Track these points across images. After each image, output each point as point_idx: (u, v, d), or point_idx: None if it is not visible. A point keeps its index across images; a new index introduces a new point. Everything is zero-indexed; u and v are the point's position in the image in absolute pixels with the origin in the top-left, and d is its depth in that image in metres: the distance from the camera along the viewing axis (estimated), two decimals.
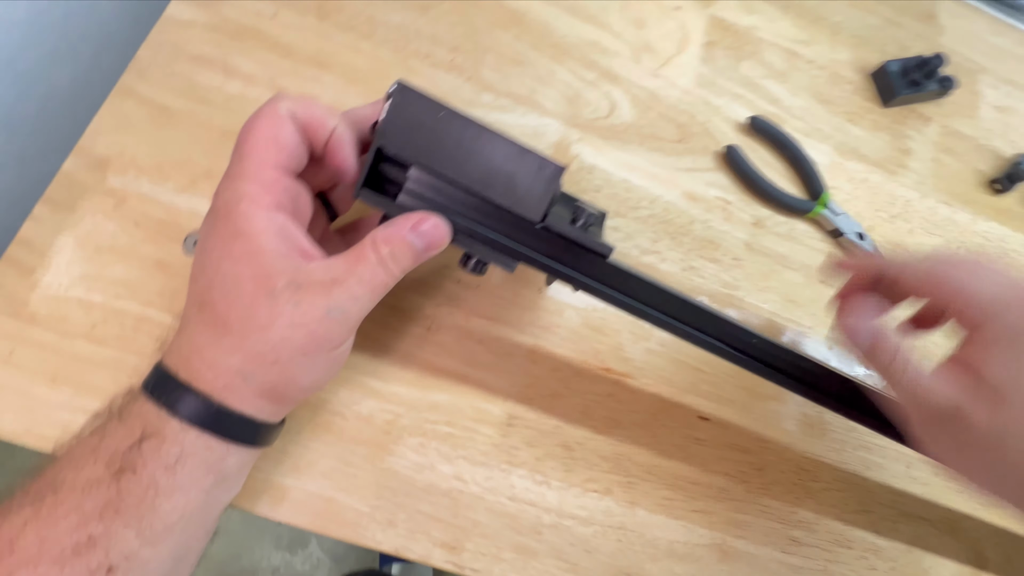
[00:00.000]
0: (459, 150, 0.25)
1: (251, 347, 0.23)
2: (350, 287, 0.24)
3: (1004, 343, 0.24)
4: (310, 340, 0.23)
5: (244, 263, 0.23)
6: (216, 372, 0.23)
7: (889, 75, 0.46)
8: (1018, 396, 0.23)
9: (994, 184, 0.48)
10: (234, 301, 0.23)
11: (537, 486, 0.33)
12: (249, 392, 0.24)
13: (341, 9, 0.38)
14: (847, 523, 0.37)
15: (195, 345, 0.24)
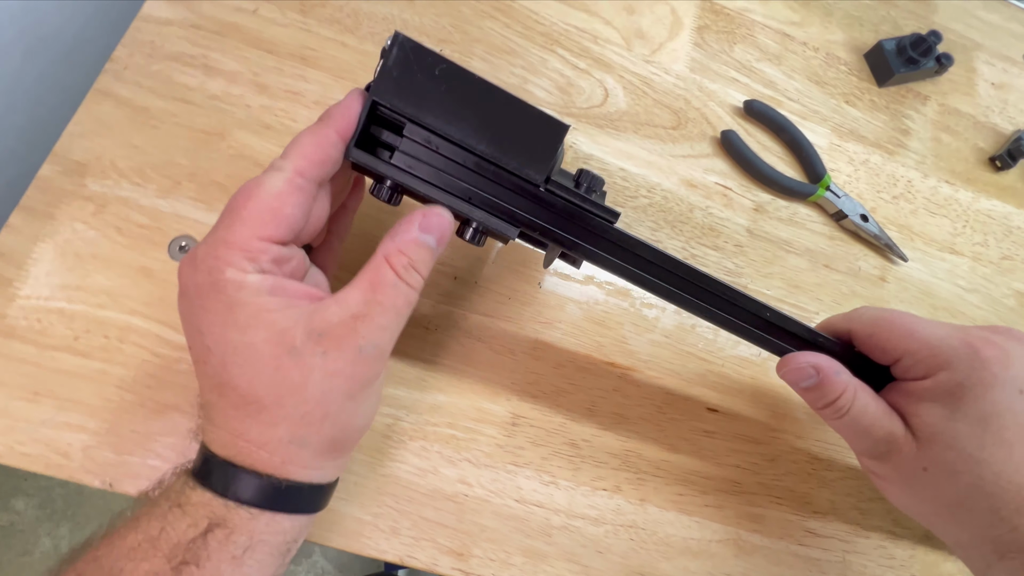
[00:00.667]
0: (459, 107, 0.23)
1: (293, 413, 0.21)
2: (375, 319, 0.22)
3: (942, 393, 0.25)
4: (352, 383, 0.22)
5: (252, 330, 0.21)
6: (270, 450, 0.22)
7: (885, 54, 0.46)
8: (941, 443, 0.25)
9: (995, 161, 0.47)
10: (256, 373, 0.21)
11: (545, 486, 0.32)
12: (310, 456, 0.22)
13: (325, 3, 0.37)
14: (864, 512, 0.36)
15: (235, 431, 0.22)
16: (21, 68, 0.36)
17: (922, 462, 0.26)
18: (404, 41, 0.23)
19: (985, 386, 0.24)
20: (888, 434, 0.26)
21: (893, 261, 0.42)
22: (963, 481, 0.25)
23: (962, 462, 0.25)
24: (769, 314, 0.28)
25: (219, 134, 0.33)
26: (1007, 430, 0.24)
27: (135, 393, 0.28)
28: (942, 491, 0.26)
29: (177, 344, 0.29)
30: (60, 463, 0.27)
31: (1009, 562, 0.25)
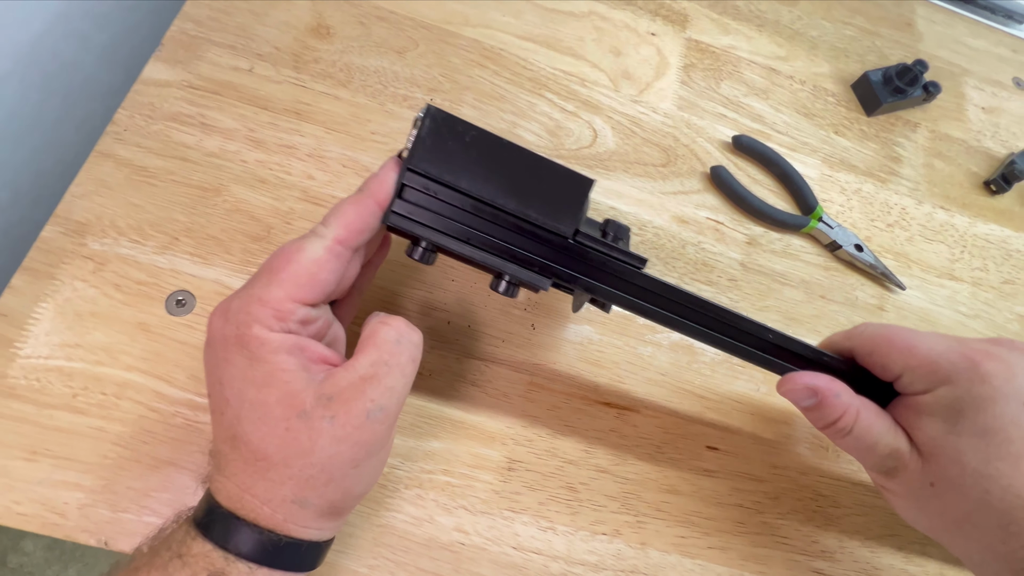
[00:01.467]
0: (489, 169, 0.25)
1: (299, 474, 0.22)
2: (382, 380, 0.23)
3: (943, 407, 0.25)
4: (358, 450, 0.22)
5: (268, 388, 0.22)
6: (273, 506, 0.22)
7: (871, 85, 0.46)
8: (945, 457, 0.25)
9: (989, 185, 0.47)
10: (268, 431, 0.22)
11: (543, 532, 0.31)
12: (311, 517, 0.23)
13: (317, 59, 0.38)
14: (873, 549, 0.35)
15: (242, 484, 0.22)
16: (26, 138, 0.37)
17: (928, 477, 0.26)
18: (435, 113, 0.25)
19: (986, 400, 0.24)
20: (893, 451, 0.26)
21: (891, 290, 0.42)
22: (970, 496, 0.24)
23: (968, 476, 0.24)
24: (807, 352, 0.28)
25: (215, 190, 0.34)
26: (1012, 444, 0.24)
27: (132, 449, 0.29)
28: (950, 506, 0.25)
29: (173, 399, 0.30)
30: (56, 522, 0.27)
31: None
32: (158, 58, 0.36)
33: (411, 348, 0.24)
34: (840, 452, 0.37)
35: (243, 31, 0.37)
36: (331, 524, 0.24)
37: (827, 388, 0.27)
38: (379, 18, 0.40)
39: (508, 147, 0.25)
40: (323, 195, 0.35)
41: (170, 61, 0.36)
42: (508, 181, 0.25)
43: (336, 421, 0.22)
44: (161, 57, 0.36)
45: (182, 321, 0.31)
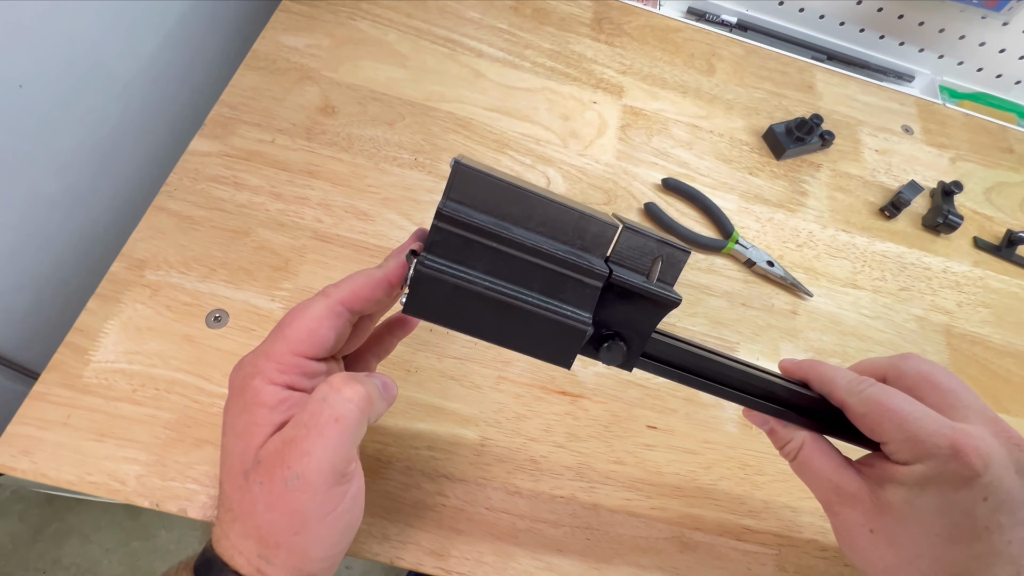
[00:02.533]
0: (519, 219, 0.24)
1: (254, 531, 0.23)
2: (298, 444, 0.22)
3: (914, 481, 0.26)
4: (293, 518, 0.22)
5: (237, 439, 0.23)
6: (246, 558, 0.23)
7: (776, 135, 0.56)
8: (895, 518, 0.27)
9: (884, 211, 0.56)
10: (230, 482, 0.23)
11: (510, 496, 0.38)
12: (255, 563, 0.23)
13: (325, 131, 0.48)
14: (795, 510, 0.41)
15: (223, 529, 0.24)
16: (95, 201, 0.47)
17: (871, 523, 0.27)
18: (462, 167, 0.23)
19: (953, 488, 0.25)
20: (835, 487, 0.28)
21: (802, 297, 0.50)
22: (904, 554, 0.26)
23: (907, 539, 0.26)
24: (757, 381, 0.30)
25: (245, 232, 0.43)
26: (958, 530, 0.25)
27: (178, 432, 0.36)
28: (883, 556, 0.27)
29: (211, 392, 0.37)
30: (117, 488, 0.34)
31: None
32: (202, 135, 0.46)
33: (337, 406, 0.22)
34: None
35: (267, 112, 0.48)
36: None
37: (777, 421, 0.30)
38: (374, 99, 0.51)
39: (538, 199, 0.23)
40: (330, 234, 0.44)
41: (210, 136, 0.46)
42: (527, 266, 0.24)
43: (264, 487, 0.22)
44: (204, 134, 0.46)
45: (218, 333, 0.39)
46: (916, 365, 0.29)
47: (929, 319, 0.52)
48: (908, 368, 0.29)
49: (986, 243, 0.57)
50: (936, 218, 0.55)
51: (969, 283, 0.55)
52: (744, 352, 0.46)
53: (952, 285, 0.54)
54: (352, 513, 0.25)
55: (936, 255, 0.55)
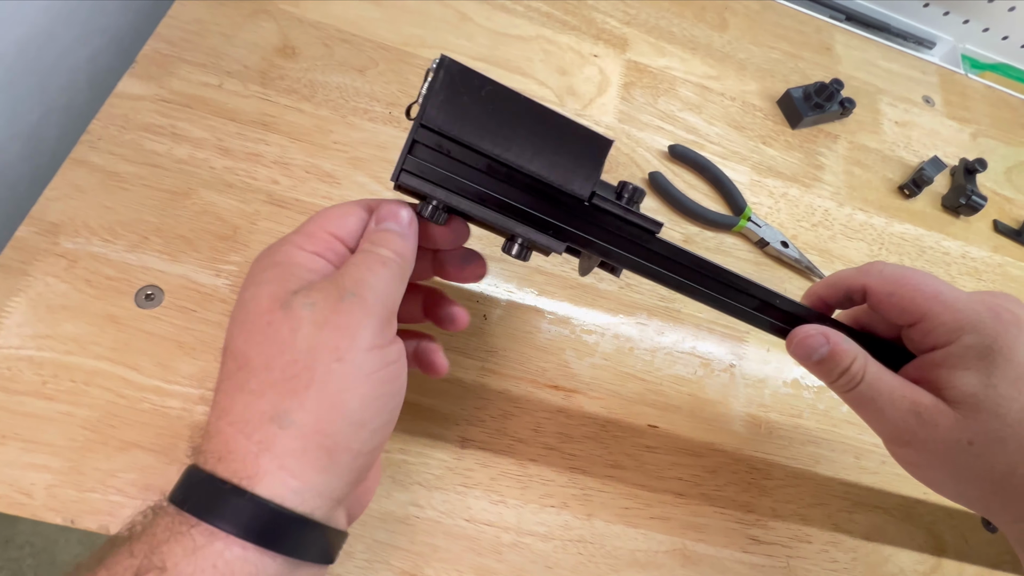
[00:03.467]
0: (505, 126, 0.24)
1: (281, 374, 0.20)
2: (350, 272, 0.22)
3: (973, 357, 0.24)
4: (338, 335, 0.20)
5: (265, 284, 0.21)
6: (248, 430, 0.19)
7: (793, 100, 0.51)
8: (985, 411, 0.24)
9: (903, 190, 0.52)
10: (252, 327, 0.20)
11: (494, 505, 0.33)
12: (290, 448, 0.19)
13: (283, 76, 0.41)
14: (804, 518, 0.38)
15: (220, 409, 0.20)
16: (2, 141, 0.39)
17: (966, 435, 0.24)
18: (450, 64, 0.24)
19: (1011, 348, 0.23)
20: (913, 405, 0.25)
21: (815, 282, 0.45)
22: (1011, 447, 0.23)
23: (1008, 427, 0.23)
24: (779, 301, 0.28)
25: (184, 193, 0.36)
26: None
27: (99, 433, 0.30)
28: (992, 464, 0.24)
29: (141, 385, 0.31)
30: (23, 502, 0.28)
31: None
32: (132, 74, 0.38)
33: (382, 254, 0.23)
34: (772, 429, 0.40)
35: (213, 50, 0.40)
36: (321, 477, 0.20)
37: (837, 333, 0.26)
38: (342, 40, 0.44)
39: (525, 103, 0.24)
40: (287, 198, 0.38)
41: (143, 77, 0.38)
42: (524, 139, 0.24)
43: (315, 306, 0.20)
44: (135, 73, 0.38)
45: (151, 314, 0.33)
46: (893, 269, 0.27)
47: None
48: (887, 272, 0.27)
49: (1006, 227, 0.53)
50: (958, 198, 0.51)
51: (988, 270, 0.51)
52: (754, 344, 0.42)
53: (971, 272, 0.50)
54: (396, 381, 0.22)
55: (955, 239, 0.51)
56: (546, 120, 0.25)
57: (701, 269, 0.28)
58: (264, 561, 0.18)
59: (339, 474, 0.20)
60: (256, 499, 0.18)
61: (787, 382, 0.41)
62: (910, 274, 0.26)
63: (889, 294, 0.26)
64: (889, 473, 0.40)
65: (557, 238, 0.26)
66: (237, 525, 0.18)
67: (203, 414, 0.31)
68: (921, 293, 0.25)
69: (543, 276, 0.40)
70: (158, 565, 0.17)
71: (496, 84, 0.24)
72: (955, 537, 0.39)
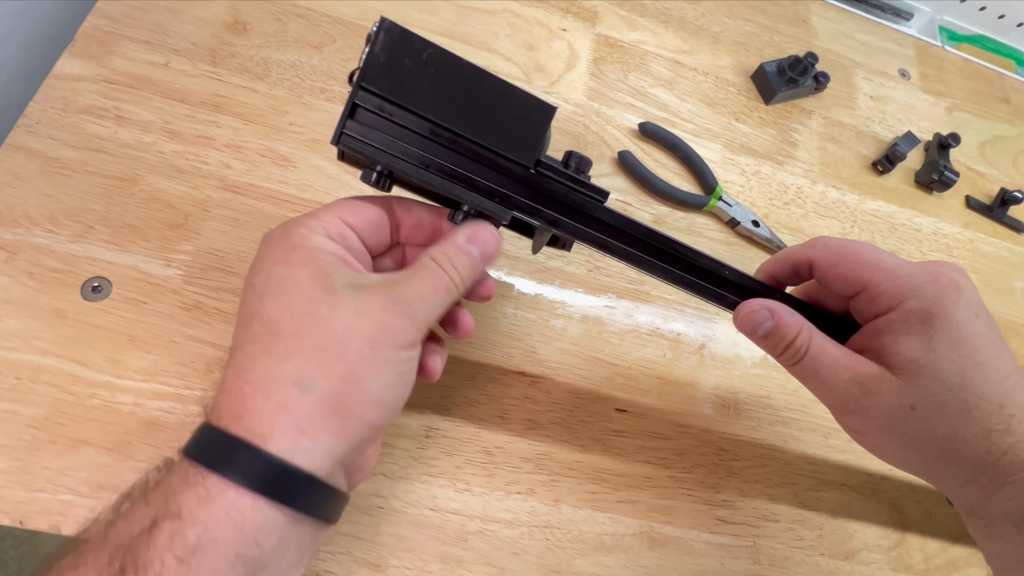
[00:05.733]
0: (448, 91, 0.24)
1: (310, 346, 0.20)
2: (412, 285, 0.23)
3: (915, 322, 0.24)
4: (378, 328, 0.21)
5: (301, 266, 0.22)
6: (268, 390, 0.20)
7: (767, 75, 0.50)
8: (926, 375, 0.24)
9: (876, 166, 0.51)
10: (290, 301, 0.21)
11: (459, 494, 0.33)
12: (307, 411, 0.20)
13: (234, 54, 0.39)
14: (771, 497, 0.38)
15: (239, 367, 0.21)
16: None
17: (908, 399, 0.24)
18: (390, 27, 0.23)
19: (950, 312, 0.24)
20: (855, 375, 0.25)
21: None
22: (952, 410, 0.24)
23: (948, 391, 0.24)
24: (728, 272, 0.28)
25: (131, 180, 0.35)
26: (978, 352, 0.24)
27: (47, 431, 0.29)
28: (933, 427, 0.24)
29: (90, 381, 0.30)
30: None
31: (1008, 488, 0.24)
32: (72, 53, 0.36)
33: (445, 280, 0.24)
34: (741, 410, 0.40)
35: (159, 27, 0.38)
36: (330, 439, 0.20)
37: (782, 307, 0.27)
38: (296, 15, 0.42)
39: (468, 68, 0.24)
40: (241, 183, 0.36)
41: (84, 56, 0.36)
42: (468, 105, 0.24)
43: (361, 299, 0.22)
44: (75, 52, 0.36)
45: (98, 307, 0.32)
46: (837, 243, 0.27)
47: None
48: (831, 245, 0.27)
49: (978, 202, 0.53)
50: (931, 174, 0.51)
51: (959, 246, 0.51)
52: (724, 324, 0.42)
53: (942, 248, 0.50)
54: (413, 373, 0.24)
55: (927, 215, 0.51)
56: (490, 86, 0.24)
57: (650, 239, 0.27)
58: (272, 512, 0.20)
59: (349, 440, 0.21)
60: (267, 456, 0.19)
61: (756, 362, 0.41)
62: (853, 245, 0.27)
63: (833, 265, 0.27)
64: (855, 451, 0.40)
65: (503, 205, 0.25)
66: (249, 478, 0.19)
67: (157, 409, 0.31)
68: (863, 262, 0.26)
69: (508, 260, 0.39)
70: (174, 512, 0.19)
71: (438, 48, 0.23)
72: (919, 512, 0.40)
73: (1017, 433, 0.24)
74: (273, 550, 0.20)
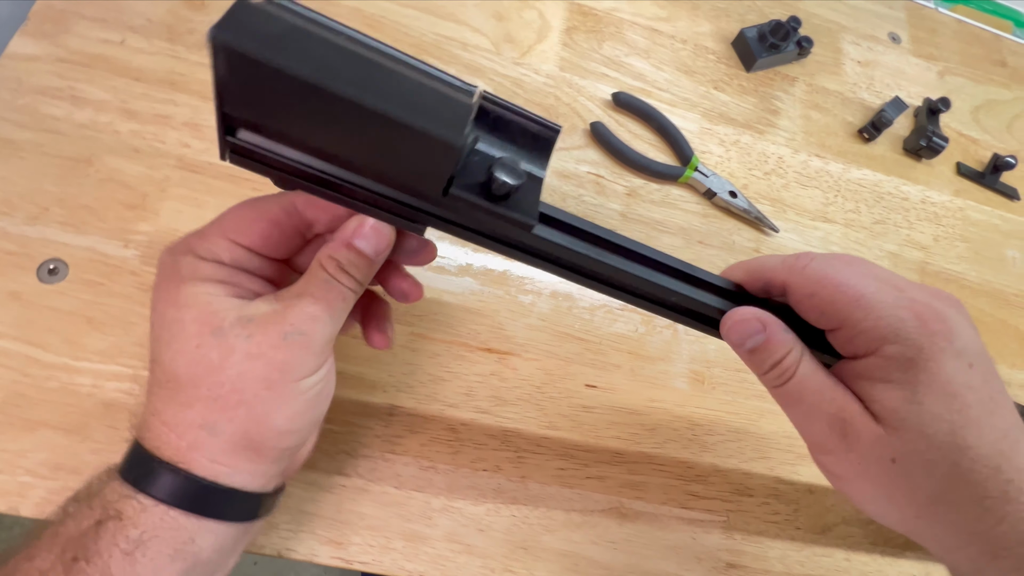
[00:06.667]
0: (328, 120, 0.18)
1: (207, 394, 0.21)
2: (304, 307, 0.22)
3: (896, 370, 0.21)
4: (272, 369, 0.21)
5: (187, 308, 0.22)
6: (179, 432, 0.21)
7: (747, 41, 0.48)
8: (910, 429, 0.21)
9: (862, 133, 0.50)
10: (180, 348, 0.21)
11: (423, 472, 0.33)
12: (219, 448, 0.21)
13: (192, 30, 0.38)
14: (746, 472, 0.37)
15: (153, 408, 0.22)
16: None
17: (890, 452, 0.22)
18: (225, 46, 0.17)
19: (937, 363, 0.21)
20: (839, 410, 0.22)
21: (766, 233, 0.44)
22: (939, 471, 0.21)
23: (936, 450, 0.21)
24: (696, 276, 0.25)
25: (87, 160, 0.34)
26: (971, 408, 0.21)
27: (4, 414, 0.29)
28: (917, 486, 0.22)
29: (47, 363, 0.30)
30: None
31: (1002, 562, 0.21)
32: (24, 32, 0.36)
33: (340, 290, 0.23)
34: (716, 384, 0.39)
35: (113, 4, 0.38)
36: (248, 465, 0.22)
37: (776, 321, 0.23)
38: None
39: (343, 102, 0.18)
40: (200, 162, 0.36)
41: (36, 35, 0.36)
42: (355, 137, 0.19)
43: (252, 339, 0.21)
44: (27, 31, 0.36)
45: (55, 289, 0.32)
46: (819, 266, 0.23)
47: (903, 255, 0.47)
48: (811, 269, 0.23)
49: (969, 169, 0.51)
50: (919, 140, 0.49)
51: (948, 214, 0.50)
52: None
53: (930, 217, 0.49)
54: (324, 393, 0.24)
55: (915, 183, 0.50)
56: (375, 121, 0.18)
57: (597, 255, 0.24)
58: (202, 520, 0.22)
59: (268, 463, 0.23)
60: (190, 476, 0.21)
61: None
62: (834, 273, 0.23)
63: (809, 295, 0.23)
64: None
65: (416, 223, 0.22)
66: (176, 498, 0.21)
67: (115, 391, 0.30)
68: (843, 296, 0.22)
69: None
70: (114, 515, 0.21)
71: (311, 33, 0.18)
72: None
73: (1016, 501, 0.21)
74: (209, 545, 0.22)
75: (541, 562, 0.33)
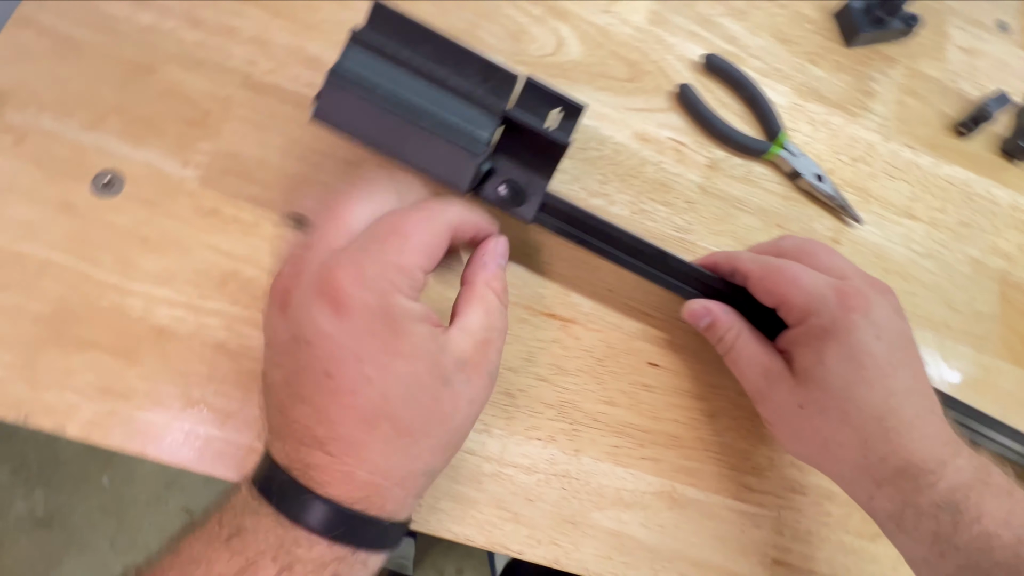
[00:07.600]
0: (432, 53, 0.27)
1: (436, 443, 0.23)
2: (495, 343, 0.24)
3: (813, 337, 0.28)
4: (479, 408, 0.24)
5: (416, 360, 0.21)
6: (407, 485, 0.22)
7: (852, 13, 0.44)
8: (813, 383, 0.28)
9: (959, 128, 0.46)
10: (418, 405, 0.22)
11: (477, 435, 0.31)
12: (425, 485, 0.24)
13: None
14: (802, 469, 0.36)
15: (374, 466, 0.21)
16: None
17: (797, 399, 0.28)
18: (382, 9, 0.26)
19: (847, 331, 0.27)
20: (764, 369, 0.30)
21: (847, 223, 0.41)
22: (833, 417, 0.27)
23: (830, 399, 0.27)
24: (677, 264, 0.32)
25: (148, 68, 0.32)
26: (866, 370, 0.27)
27: (52, 329, 0.28)
28: (817, 427, 0.28)
29: (99, 280, 0.29)
30: None
31: (886, 488, 0.27)
32: None
33: (506, 316, 0.26)
34: None
35: None
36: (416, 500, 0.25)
37: (718, 308, 0.31)
38: None
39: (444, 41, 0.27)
40: (265, 83, 0.33)
41: None
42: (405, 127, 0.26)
43: (470, 384, 0.23)
44: None
45: (109, 203, 0.30)
46: (793, 242, 0.32)
47: (985, 263, 0.44)
48: (787, 245, 0.32)
49: None
50: (1018, 141, 0.46)
51: None
52: None
53: (1018, 225, 0.46)
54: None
55: (1007, 187, 0.47)
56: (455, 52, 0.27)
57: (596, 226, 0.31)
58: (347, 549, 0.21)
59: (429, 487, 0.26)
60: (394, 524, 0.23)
61: None
62: (780, 265, 0.29)
63: (760, 279, 0.30)
64: None
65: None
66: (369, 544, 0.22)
67: (167, 316, 0.29)
68: (784, 279, 0.29)
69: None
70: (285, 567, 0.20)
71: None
72: None
73: (895, 443, 0.26)
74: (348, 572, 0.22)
75: (588, 539, 0.32)
